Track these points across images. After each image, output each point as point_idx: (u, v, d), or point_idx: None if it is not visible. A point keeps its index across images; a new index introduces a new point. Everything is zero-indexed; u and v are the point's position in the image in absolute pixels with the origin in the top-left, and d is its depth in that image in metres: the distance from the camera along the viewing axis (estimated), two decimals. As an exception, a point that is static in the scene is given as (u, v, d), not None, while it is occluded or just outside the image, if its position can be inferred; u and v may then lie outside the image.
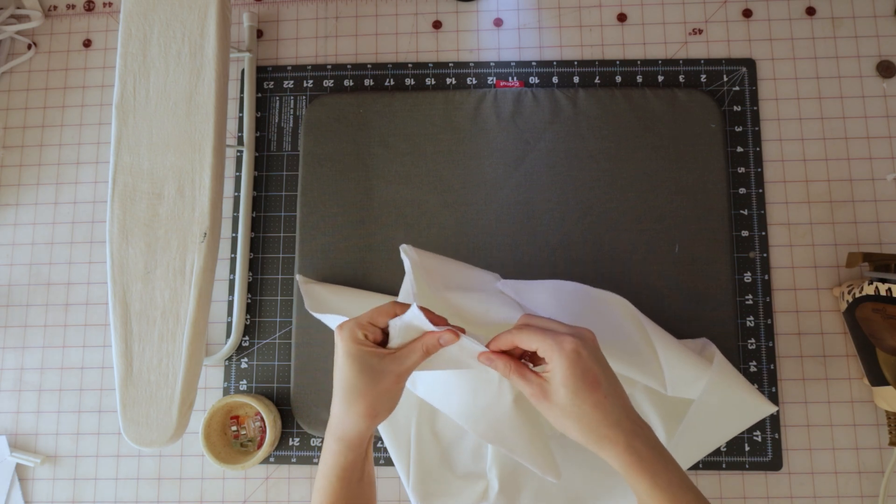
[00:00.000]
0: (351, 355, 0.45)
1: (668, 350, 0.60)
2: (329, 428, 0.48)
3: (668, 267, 0.69)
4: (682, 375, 0.59)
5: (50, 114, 0.78)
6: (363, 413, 0.45)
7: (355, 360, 0.45)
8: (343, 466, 0.47)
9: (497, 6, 0.78)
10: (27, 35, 0.80)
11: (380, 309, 0.47)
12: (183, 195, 0.61)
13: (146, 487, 0.71)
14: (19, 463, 0.71)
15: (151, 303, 0.60)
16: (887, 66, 0.73)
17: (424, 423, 0.64)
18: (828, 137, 0.73)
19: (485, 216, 0.71)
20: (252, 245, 0.74)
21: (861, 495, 0.67)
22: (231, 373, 0.72)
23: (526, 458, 0.56)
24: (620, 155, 0.71)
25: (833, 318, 0.70)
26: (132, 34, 0.64)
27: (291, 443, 0.70)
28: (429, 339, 0.46)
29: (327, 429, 0.48)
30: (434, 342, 0.46)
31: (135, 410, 0.58)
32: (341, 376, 0.46)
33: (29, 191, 0.77)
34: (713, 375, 0.59)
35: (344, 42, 0.78)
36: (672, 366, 0.59)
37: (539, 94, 0.73)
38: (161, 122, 0.62)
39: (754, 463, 0.67)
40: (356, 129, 0.73)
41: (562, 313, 0.61)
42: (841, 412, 0.68)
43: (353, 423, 0.46)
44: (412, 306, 0.47)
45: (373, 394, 0.45)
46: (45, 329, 0.74)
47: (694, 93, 0.72)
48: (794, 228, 0.72)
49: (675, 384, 0.59)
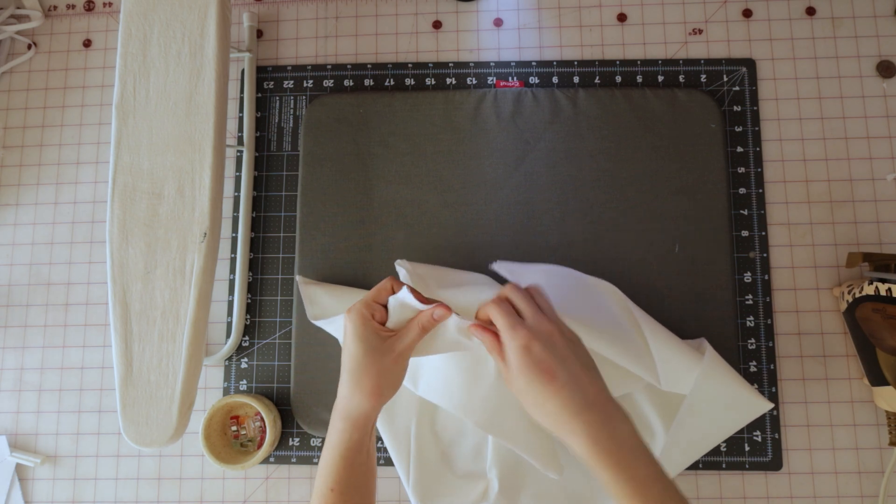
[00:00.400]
0: (358, 336, 0.47)
1: (658, 340, 0.60)
2: (336, 408, 0.49)
3: (668, 267, 0.69)
4: (674, 367, 0.59)
5: (50, 114, 0.78)
6: (369, 391, 0.47)
7: (362, 340, 0.47)
8: (348, 446, 0.48)
9: (497, 6, 0.78)
10: (27, 35, 0.80)
11: (380, 286, 0.50)
12: (183, 195, 0.61)
13: (146, 487, 0.71)
14: (19, 463, 0.71)
15: (151, 303, 0.60)
16: (887, 66, 0.74)
17: (424, 423, 0.64)
18: (828, 137, 0.73)
19: (485, 216, 0.71)
20: (252, 245, 0.74)
21: (861, 495, 0.67)
22: (231, 373, 0.72)
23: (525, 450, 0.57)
24: (620, 155, 0.71)
25: (833, 318, 0.70)
26: (132, 34, 0.64)
27: (291, 443, 0.70)
28: (423, 316, 0.48)
29: (334, 409, 0.50)
30: (428, 317, 0.48)
31: (135, 410, 0.58)
32: (348, 356, 0.48)
33: (29, 191, 0.77)
34: (704, 369, 0.59)
35: (344, 42, 0.78)
36: (664, 357, 0.59)
37: (539, 94, 0.73)
38: (161, 122, 0.62)
39: (754, 463, 0.68)
40: (356, 129, 0.73)
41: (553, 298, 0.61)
42: (841, 412, 0.68)
43: (358, 401, 0.47)
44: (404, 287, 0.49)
45: (376, 372, 0.47)
46: (45, 329, 0.74)
47: (694, 93, 0.72)
48: (794, 228, 0.72)
49: (668, 376, 0.59)
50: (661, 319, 0.67)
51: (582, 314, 0.60)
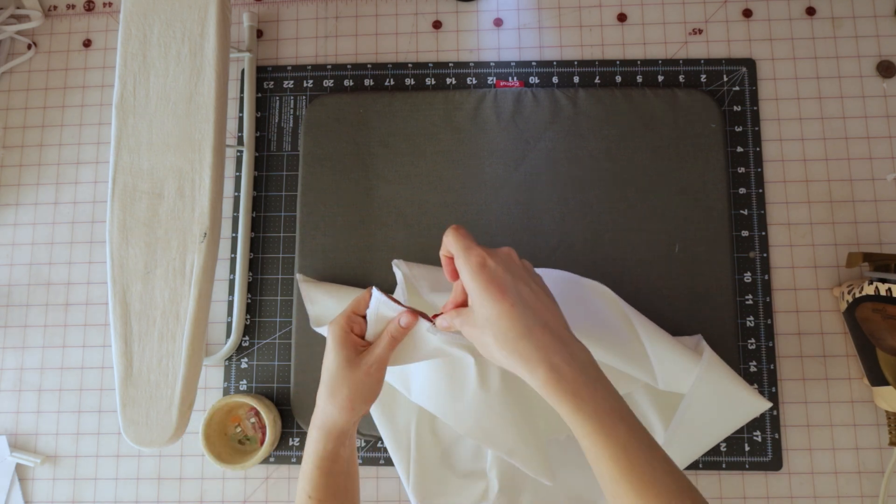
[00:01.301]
0: (334, 349, 0.48)
1: (654, 340, 0.59)
2: (313, 418, 0.50)
3: (668, 267, 0.69)
4: (671, 367, 0.59)
5: (50, 114, 0.78)
6: (341, 405, 0.47)
7: (338, 353, 0.47)
8: (322, 455, 0.49)
9: (497, 6, 0.78)
10: (27, 35, 0.80)
11: (360, 298, 0.50)
12: (183, 195, 0.61)
13: (146, 487, 0.71)
14: (19, 463, 0.71)
15: (151, 303, 0.60)
16: (887, 66, 0.74)
17: (424, 423, 0.64)
18: (828, 137, 0.73)
19: (485, 216, 0.71)
20: (252, 245, 0.74)
21: (861, 495, 0.67)
22: (231, 373, 0.72)
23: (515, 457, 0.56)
24: (620, 155, 0.71)
25: (833, 318, 0.70)
26: (132, 34, 0.64)
27: (291, 443, 0.70)
28: (391, 326, 0.48)
29: (312, 419, 0.50)
30: (396, 326, 0.48)
31: (135, 410, 0.58)
32: (325, 368, 0.48)
33: (29, 191, 0.77)
34: (702, 369, 0.59)
35: (344, 42, 0.78)
36: (660, 358, 0.59)
37: (539, 94, 0.73)
38: (161, 122, 0.62)
39: (754, 463, 0.68)
40: (356, 129, 0.73)
41: None
42: (841, 412, 0.68)
43: (331, 413, 0.48)
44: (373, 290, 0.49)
45: (349, 386, 0.47)
46: (45, 329, 0.74)
47: (694, 93, 0.72)
48: (794, 228, 0.72)
49: (665, 376, 0.59)
50: (662, 319, 0.67)
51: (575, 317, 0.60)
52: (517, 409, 0.57)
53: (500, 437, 0.56)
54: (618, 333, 0.61)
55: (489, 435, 0.56)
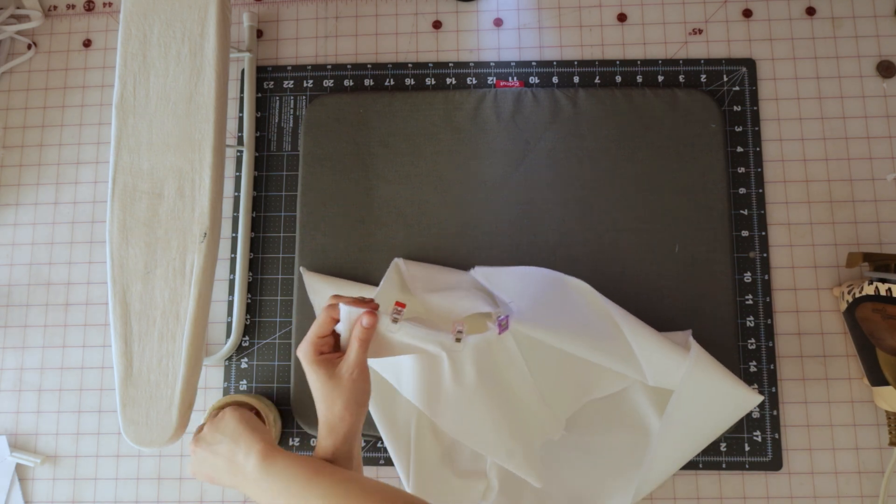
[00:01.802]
0: (313, 371, 0.49)
1: (640, 337, 0.59)
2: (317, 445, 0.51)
3: (668, 267, 0.69)
4: (659, 363, 0.58)
5: (50, 114, 0.78)
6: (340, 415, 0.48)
7: (317, 373, 0.49)
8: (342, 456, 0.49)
9: (497, 6, 0.78)
10: (27, 35, 0.80)
11: (319, 321, 0.50)
12: (183, 195, 0.61)
13: (146, 487, 0.71)
14: (19, 463, 0.71)
15: (151, 303, 0.60)
16: (887, 66, 0.74)
17: (424, 423, 0.64)
18: (828, 137, 0.73)
19: (485, 216, 0.71)
20: (252, 245, 0.74)
21: (861, 495, 0.67)
22: (231, 373, 0.72)
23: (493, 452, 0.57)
24: (620, 155, 0.71)
25: (833, 318, 0.70)
26: (132, 34, 0.64)
27: (291, 443, 0.70)
28: (356, 329, 0.49)
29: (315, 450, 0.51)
30: (359, 328, 0.49)
31: (134, 410, 0.58)
32: (313, 391, 0.50)
33: (29, 191, 0.77)
34: (690, 364, 0.58)
35: (344, 42, 0.78)
36: (647, 355, 0.59)
37: (539, 94, 0.73)
38: (161, 122, 0.62)
39: (754, 463, 0.68)
40: (356, 129, 0.73)
41: (529, 300, 0.61)
42: (841, 412, 0.68)
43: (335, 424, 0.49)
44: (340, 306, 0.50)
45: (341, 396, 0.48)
46: (45, 329, 0.74)
47: (694, 93, 0.72)
48: (794, 228, 0.72)
49: (654, 373, 0.58)
50: (662, 319, 0.67)
51: (559, 316, 0.60)
52: (495, 406, 0.56)
53: (477, 433, 0.56)
54: (603, 331, 0.60)
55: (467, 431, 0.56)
